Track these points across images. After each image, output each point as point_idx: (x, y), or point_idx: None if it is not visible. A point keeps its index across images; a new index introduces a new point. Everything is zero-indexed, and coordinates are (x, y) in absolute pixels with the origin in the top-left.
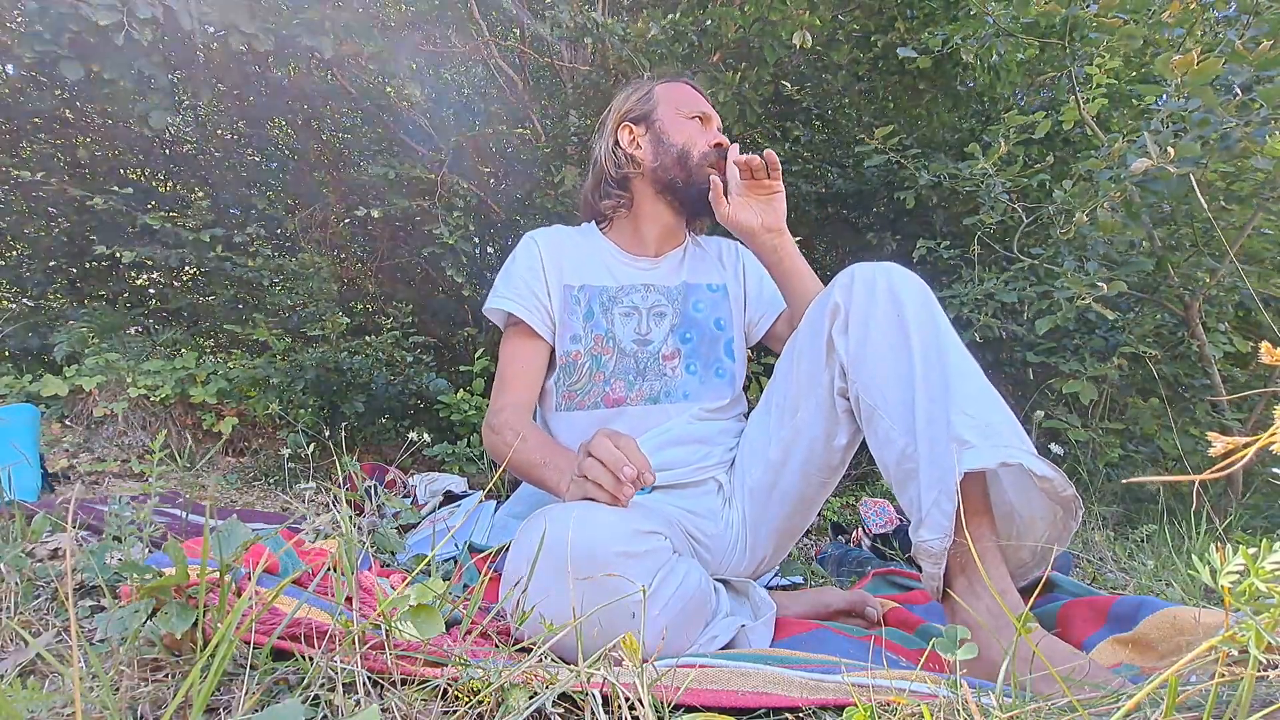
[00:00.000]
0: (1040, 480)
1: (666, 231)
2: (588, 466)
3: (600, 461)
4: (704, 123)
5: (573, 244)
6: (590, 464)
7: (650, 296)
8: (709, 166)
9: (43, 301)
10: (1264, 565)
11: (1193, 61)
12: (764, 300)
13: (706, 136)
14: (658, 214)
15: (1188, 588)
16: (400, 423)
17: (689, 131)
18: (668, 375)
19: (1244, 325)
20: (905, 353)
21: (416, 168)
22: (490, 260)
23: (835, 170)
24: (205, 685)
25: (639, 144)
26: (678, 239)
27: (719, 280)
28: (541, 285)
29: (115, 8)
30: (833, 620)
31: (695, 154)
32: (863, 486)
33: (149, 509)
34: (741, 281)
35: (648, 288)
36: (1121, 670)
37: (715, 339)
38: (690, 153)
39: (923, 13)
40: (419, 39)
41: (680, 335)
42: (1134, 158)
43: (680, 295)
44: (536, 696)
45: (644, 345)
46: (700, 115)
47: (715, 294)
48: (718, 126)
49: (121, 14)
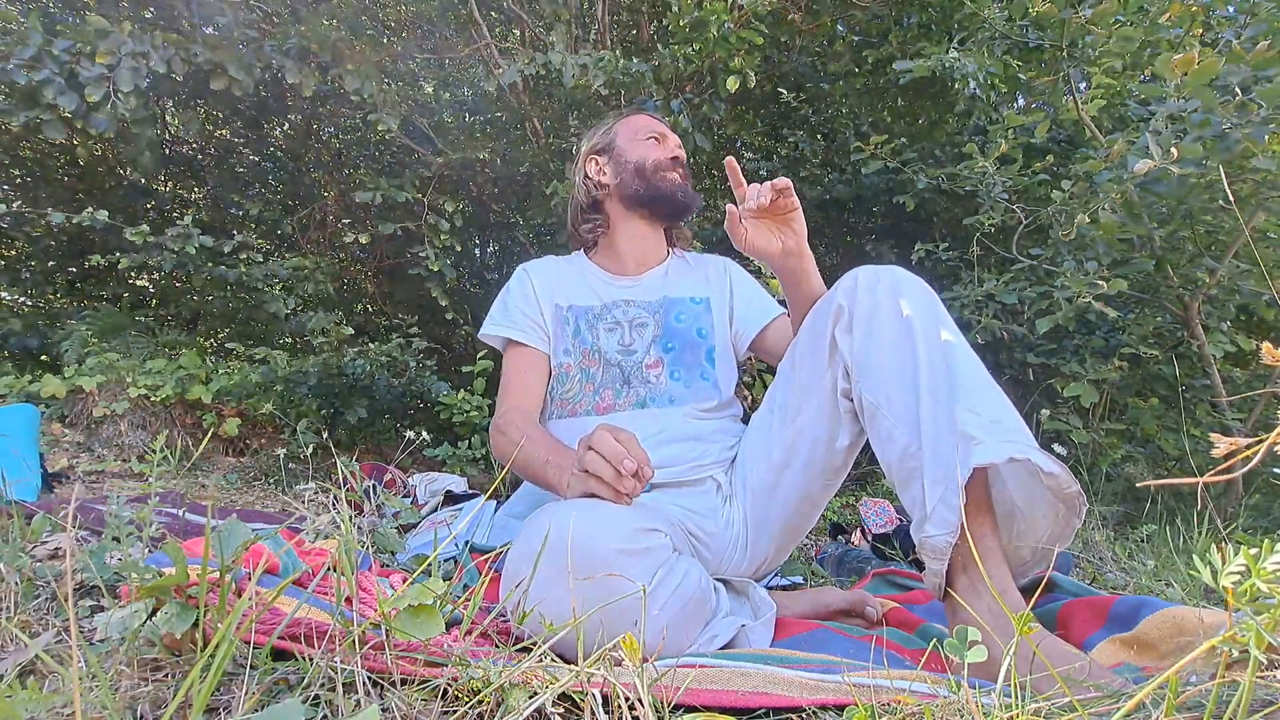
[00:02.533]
0: (1047, 477)
1: (645, 247)
2: (589, 460)
3: (601, 455)
4: (659, 141)
5: (560, 271)
6: (591, 458)
7: (631, 311)
8: (665, 173)
9: (43, 301)
10: (1265, 566)
11: (1193, 61)
12: (750, 316)
13: (660, 151)
14: (632, 229)
15: (1188, 588)
16: (400, 423)
17: (643, 149)
18: (652, 382)
19: (1246, 325)
20: (909, 352)
21: (405, 186)
22: (490, 260)
23: (834, 175)
24: (205, 685)
25: (604, 170)
26: (659, 255)
27: (702, 294)
28: (535, 307)
29: (103, 79)
30: (833, 620)
31: (649, 164)
32: (863, 487)
33: (149, 509)
34: (728, 297)
35: (629, 303)
36: (1122, 670)
37: (698, 346)
38: (644, 164)
39: (918, 25)
40: (420, 40)
41: (662, 345)
42: (1135, 159)
43: (661, 308)
44: (536, 696)
45: (628, 355)
46: (655, 135)
47: (698, 306)
48: (675, 144)
49: (108, 86)
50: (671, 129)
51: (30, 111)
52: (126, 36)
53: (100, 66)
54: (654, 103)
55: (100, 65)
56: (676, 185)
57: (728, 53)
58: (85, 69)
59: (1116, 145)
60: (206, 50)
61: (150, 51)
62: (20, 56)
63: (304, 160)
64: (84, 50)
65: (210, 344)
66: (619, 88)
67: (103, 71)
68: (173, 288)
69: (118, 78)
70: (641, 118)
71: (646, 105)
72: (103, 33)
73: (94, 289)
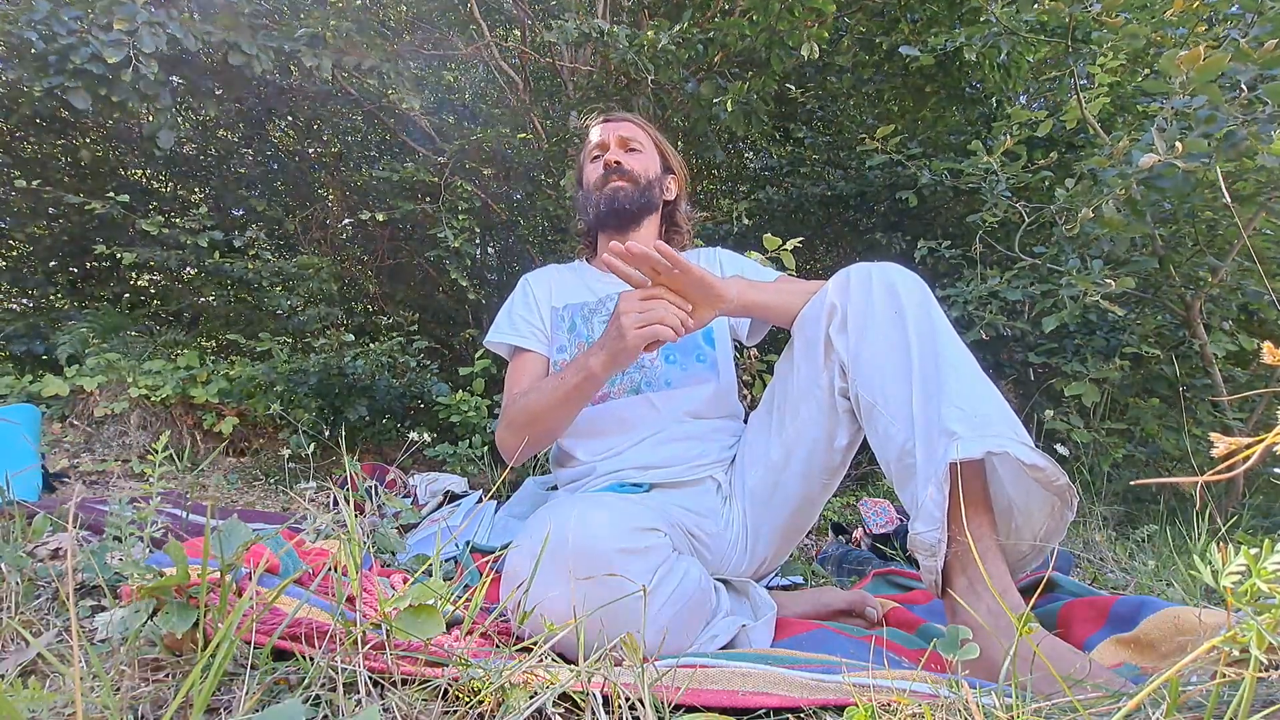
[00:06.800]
0: (1031, 469)
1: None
2: (640, 314)
3: (638, 301)
4: (602, 153)
5: (560, 277)
6: (630, 317)
7: None
8: (599, 191)
9: (44, 302)
10: (1266, 566)
11: (1199, 57)
12: None
13: (596, 168)
14: (607, 241)
15: (1189, 588)
16: (401, 423)
17: (589, 171)
18: (647, 366)
19: (1247, 324)
20: (903, 348)
21: (420, 171)
22: (490, 260)
23: (838, 172)
24: (206, 685)
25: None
26: None
27: None
28: (535, 314)
29: (122, 42)
30: (833, 620)
31: (591, 187)
32: (863, 486)
33: (150, 509)
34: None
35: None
36: (1122, 670)
37: None
38: (589, 187)
39: (926, 15)
40: (420, 41)
41: None
42: (1140, 154)
43: None
44: (537, 696)
45: None
46: (598, 149)
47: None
48: (617, 142)
49: (128, 48)
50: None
51: (53, 80)
52: (141, 7)
53: (119, 32)
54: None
55: (119, 30)
56: (606, 198)
57: (789, 25)
58: (97, 38)
59: (1121, 142)
60: (220, 30)
61: (167, 21)
62: (29, 18)
63: (305, 160)
64: (96, 20)
65: (211, 344)
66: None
67: (120, 37)
68: (173, 287)
69: (139, 40)
70: (595, 130)
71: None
72: (121, 3)
73: (94, 289)
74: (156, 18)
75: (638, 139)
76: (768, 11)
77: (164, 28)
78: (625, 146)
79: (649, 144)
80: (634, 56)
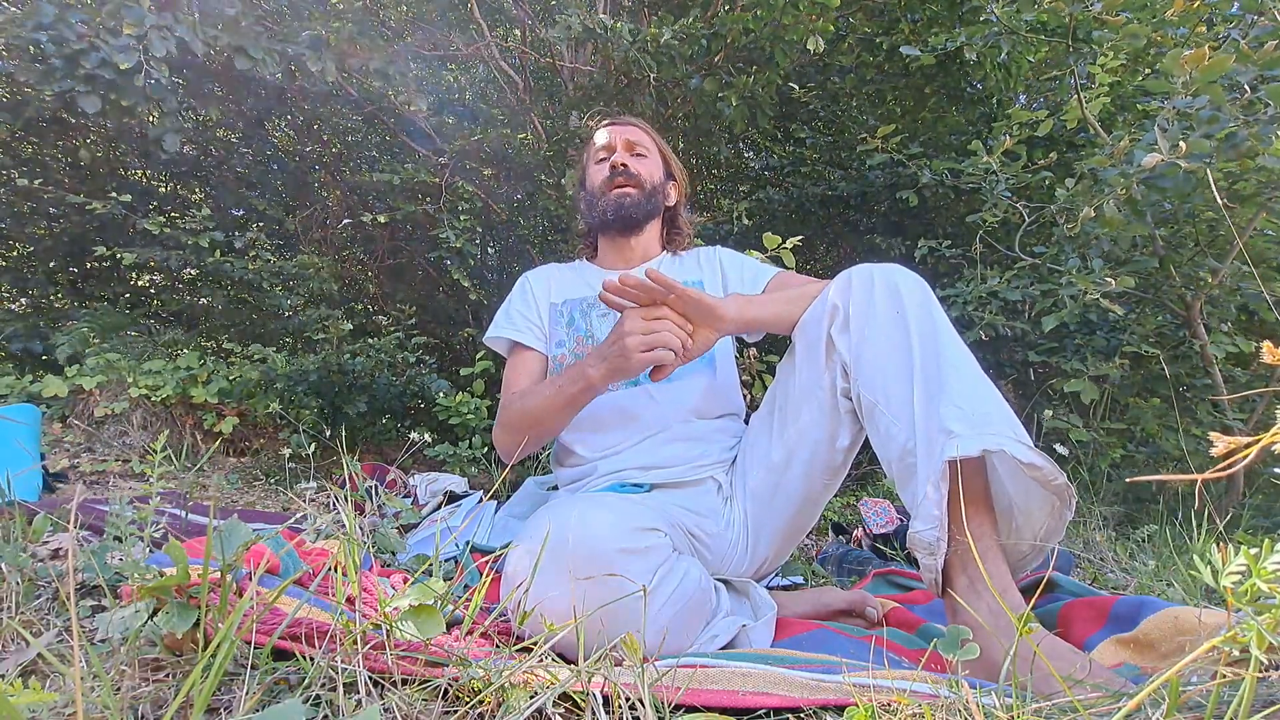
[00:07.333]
0: (1028, 468)
1: (629, 256)
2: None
3: (641, 323)
4: (608, 156)
5: (559, 274)
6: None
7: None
8: (605, 195)
9: (44, 302)
10: (1266, 565)
11: (1203, 57)
12: (746, 285)
13: (601, 171)
14: (610, 243)
15: (1189, 588)
16: (401, 423)
17: (593, 174)
18: None
19: (1247, 325)
20: (905, 348)
21: (420, 171)
22: (490, 260)
23: (839, 172)
24: (206, 685)
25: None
26: (650, 255)
27: (695, 277)
28: (534, 311)
29: (132, 48)
30: (833, 620)
31: (595, 190)
32: (863, 486)
33: (150, 509)
34: (720, 276)
35: None
36: (1123, 670)
37: None
38: (593, 191)
39: (926, 15)
40: (420, 41)
41: None
42: (1142, 153)
43: None
44: (537, 696)
45: None
46: (604, 151)
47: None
48: (623, 145)
49: (139, 54)
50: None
51: (63, 84)
52: (147, 10)
53: (128, 37)
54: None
55: (128, 35)
56: (612, 203)
57: (794, 19)
58: (107, 42)
59: (1121, 142)
60: (225, 34)
61: (174, 25)
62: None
63: (305, 161)
64: (104, 24)
65: (211, 344)
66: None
67: (130, 41)
68: (173, 288)
69: (149, 45)
70: (600, 133)
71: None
72: (129, 7)
73: (94, 289)
74: (163, 21)
75: (644, 144)
76: (772, 6)
77: (172, 31)
78: (632, 150)
79: (654, 150)
80: (637, 53)
